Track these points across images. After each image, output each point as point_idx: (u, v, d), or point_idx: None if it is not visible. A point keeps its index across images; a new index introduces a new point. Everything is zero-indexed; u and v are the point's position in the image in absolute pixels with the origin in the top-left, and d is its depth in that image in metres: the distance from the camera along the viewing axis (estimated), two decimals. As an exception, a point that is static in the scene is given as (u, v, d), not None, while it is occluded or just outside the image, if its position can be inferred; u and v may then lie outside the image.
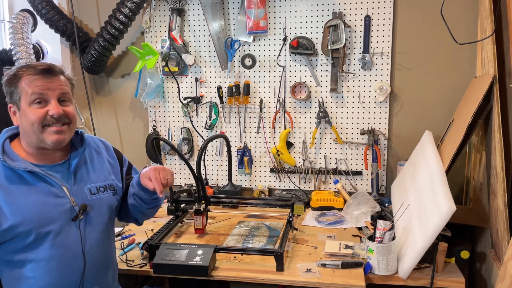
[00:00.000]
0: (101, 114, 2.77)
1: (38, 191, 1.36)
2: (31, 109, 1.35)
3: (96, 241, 1.45)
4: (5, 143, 1.40)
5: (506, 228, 1.66)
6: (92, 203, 1.45)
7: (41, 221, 1.33)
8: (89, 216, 1.44)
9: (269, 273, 1.68)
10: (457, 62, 2.30)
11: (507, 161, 1.74)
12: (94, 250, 1.43)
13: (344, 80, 2.41)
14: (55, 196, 1.38)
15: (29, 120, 1.35)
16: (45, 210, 1.35)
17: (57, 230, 1.36)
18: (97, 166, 1.53)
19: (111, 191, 1.53)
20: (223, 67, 2.51)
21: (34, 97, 1.34)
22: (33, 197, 1.35)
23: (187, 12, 2.52)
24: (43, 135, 1.36)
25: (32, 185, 1.36)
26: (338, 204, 2.35)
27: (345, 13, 2.35)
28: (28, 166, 1.36)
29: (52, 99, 1.36)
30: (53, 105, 1.36)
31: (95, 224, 1.45)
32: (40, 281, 1.34)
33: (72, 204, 1.39)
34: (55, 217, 1.36)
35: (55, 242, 1.35)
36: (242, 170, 2.60)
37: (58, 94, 1.38)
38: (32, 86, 1.34)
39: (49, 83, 1.36)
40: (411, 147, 2.21)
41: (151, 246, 1.76)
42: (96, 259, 1.44)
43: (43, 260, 1.34)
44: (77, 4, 2.65)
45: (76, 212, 1.39)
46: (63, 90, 1.39)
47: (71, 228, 1.38)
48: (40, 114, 1.35)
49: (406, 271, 1.64)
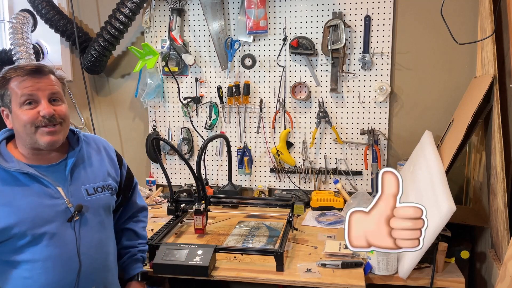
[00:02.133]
0: (101, 114, 2.77)
1: (32, 193, 1.35)
2: (22, 110, 1.34)
3: (93, 242, 1.43)
4: (1, 144, 1.40)
5: (506, 228, 1.66)
6: (89, 203, 1.44)
7: (36, 222, 1.33)
8: (85, 217, 1.42)
9: (269, 273, 1.68)
10: (457, 62, 2.30)
11: (507, 161, 1.74)
12: (91, 251, 1.42)
13: (344, 80, 2.41)
14: (50, 197, 1.37)
15: (21, 122, 1.35)
16: (40, 211, 1.34)
17: (53, 231, 1.35)
18: (95, 166, 1.52)
19: (109, 192, 1.52)
20: (223, 67, 2.51)
21: (24, 98, 1.34)
22: (27, 199, 1.34)
23: (187, 12, 2.52)
24: (36, 136, 1.35)
25: (27, 186, 1.35)
26: (338, 204, 2.35)
27: (345, 13, 2.35)
28: (22, 167, 1.36)
29: (42, 99, 1.35)
30: (43, 105, 1.35)
31: (92, 225, 1.44)
32: (36, 282, 1.34)
33: (67, 205, 1.39)
34: (50, 218, 1.35)
35: (50, 243, 1.35)
36: (242, 170, 2.60)
37: (48, 94, 1.37)
38: (21, 87, 1.34)
39: (38, 83, 1.36)
40: (411, 147, 2.21)
41: (151, 246, 1.76)
42: (93, 260, 1.42)
43: (39, 260, 1.34)
44: (77, 4, 2.65)
45: (72, 213, 1.39)
46: (53, 90, 1.38)
47: (66, 229, 1.38)
48: (31, 115, 1.34)
49: (406, 271, 1.64)
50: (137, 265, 1.64)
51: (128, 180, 1.68)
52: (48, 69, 1.40)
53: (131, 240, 1.67)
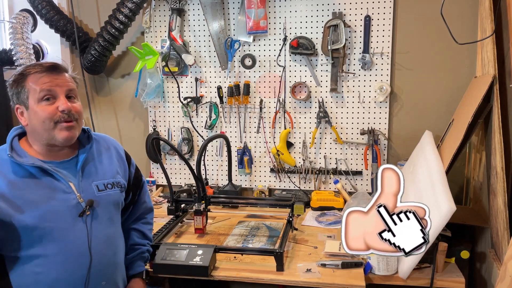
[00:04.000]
0: (101, 114, 2.77)
1: (44, 187, 1.37)
2: (41, 106, 1.36)
3: (103, 237, 1.44)
4: (13, 140, 1.42)
5: (506, 228, 1.66)
6: (99, 199, 1.45)
7: (47, 216, 1.34)
8: (96, 212, 1.44)
9: (269, 273, 1.68)
10: (457, 62, 2.30)
11: (507, 161, 1.74)
12: (101, 246, 1.43)
13: (344, 80, 2.41)
14: (62, 191, 1.38)
15: (39, 117, 1.36)
16: (52, 205, 1.36)
17: (64, 226, 1.36)
18: (105, 163, 1.54)
19: (119, 189, 1.54)
20: (223, 67, 2.51)
21: (43, 94, 1.36)
22: (39, 192, 1.35)
23: (187, 12, 2.52)
24: (54, 131, 1.37)
25: (39, 180, 1.37)
26: (338, 204, 2.35)
27: (345, 13, 2.35)
28: (36, 161, 1.38)
29: (60, 95, 1.38)
30: (62, 100, 1.37)
31: (102, 221, 1.45)
32: (47, 276, 1.35)
33: (78, 200, 1.40)
34: (62, 212, 1.37)
35: (61, 238, 1.36)
36: (242, 170, 2.60)
37: (65, 90, 1.39)
38: (39, 83, 1.36)
39: (56, 79, 1.38)
40: (411, 147, 2.21)
41: (151, 246, 1.75)
42: (103, 256, 1.43)
43: (50, 255, 1.35)
44: (77, 4, 2.65)
45: (83, 208, 1.40)
46: (70, 87, 1.41)
47: (77, 224, 1.39)
48: (51, 111, 1.36)
49: (406, 271, 1.64)
50: (142, 263, 1.66)
51: (137, 179, 1.69)
52: (63, 67, 1.43)
53: (141, 239, 1.68)
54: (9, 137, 1.42)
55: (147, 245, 1.70)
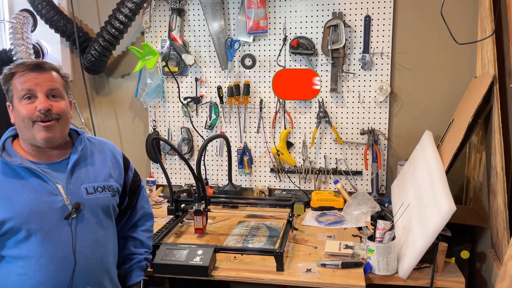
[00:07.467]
0: (101, 114, 2.77)
1: (32, 188, 1.36)
2: (21, 104, 1.37)
3: (90, 241, 1.42)
4: (6, 141, 1.42)
5: (506, 228, 1.66)
6: (87, 202, 1.43)
7: (31, 217, 1.33)
8: (83, 215, 1.42)
9: (269, 273, 1.68)
10: (457, 62, 2.30)
11: (507, 161, 1.74)
12: (86, 250, 1.40)
13: (344, 80, 2.41)
14: (49, 193, 1.37)
15: (20, 115, 1.37)
16: (38, 206, 1.35)
17: (49, 228, 1.35)
18: (97, 166, 1.52)
19: (110, 192, 1.51)
20: (223, 67, 2.51)
21: (23, 92, 1.36)
22: (26, 194, 1.35)
23: (187, 12, 2.52)
24: (33, 131, 1.37)
25: (26, 181, 1.36)
26: (338, 204, 2.35)
27: (345, 13, 2.35)
28: (24, 162, 1.37)
29: (40, 94, 1.37)
30: (40, 99, 1.37)
31: (89, 224, 1.43)
32: (31, 278, 1.33)
33: (65, 202, 1.38)
34: (47, 214, 1.36)
35: (45, 240, 1.34)
36: (242, 170, 2.60)
37: (46, 89, 1.38)
38: (21, 82, 1.37)
39: (37, 78, 1.38)
40: (411, 147, 2.21)
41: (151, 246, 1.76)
42: (89, 259, 1.41)
43: (34, 257, 1.34)
44: (77, 4, 2.65)
45: (69, 211, 1.38)
46: (52, 86, 1.40)
47: (63, 227, 1.37)
48: (29, 109, 1.36)
49: (406, 271, 1.64)
50: (140, 273, 1.63)
51: (134, 183, 1.67)
52: (49, 66, 1.42)
53: (137, 248, 1.67)
54: (3, 137, 1.43)
55: (145, 253, 1.67)
